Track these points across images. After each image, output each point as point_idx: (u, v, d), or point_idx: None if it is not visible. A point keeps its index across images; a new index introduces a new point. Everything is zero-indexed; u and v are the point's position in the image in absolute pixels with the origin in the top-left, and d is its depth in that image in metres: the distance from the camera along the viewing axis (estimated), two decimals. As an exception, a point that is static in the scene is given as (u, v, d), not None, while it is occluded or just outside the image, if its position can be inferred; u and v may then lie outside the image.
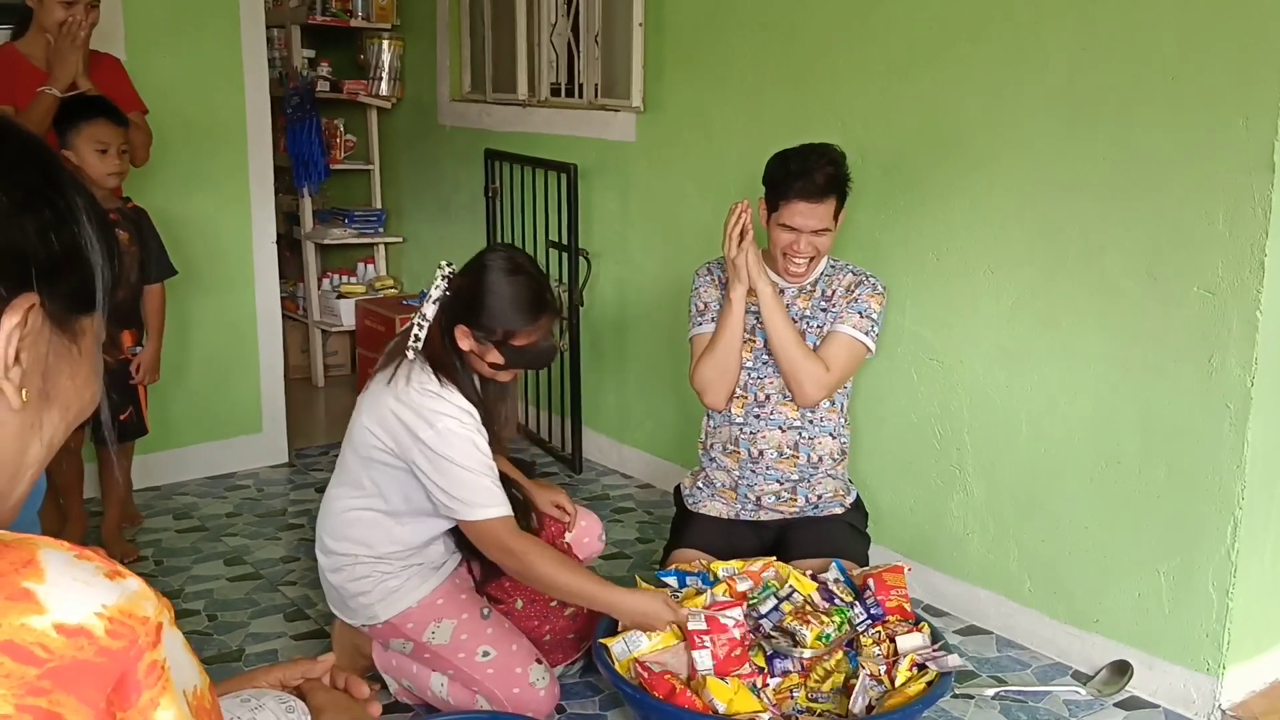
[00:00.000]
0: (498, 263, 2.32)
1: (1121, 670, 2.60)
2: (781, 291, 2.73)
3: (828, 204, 2.61)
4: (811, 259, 2.69)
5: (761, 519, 2.80)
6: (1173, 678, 2.54)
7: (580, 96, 4.04)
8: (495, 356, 2.31)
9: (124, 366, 3.20)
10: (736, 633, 2.26)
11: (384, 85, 5.07)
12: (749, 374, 2.75)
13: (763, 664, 2.31)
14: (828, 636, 2.34)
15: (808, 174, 2.59)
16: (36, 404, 0.81)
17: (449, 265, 2.37)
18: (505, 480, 2.43)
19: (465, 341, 2.31)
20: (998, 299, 2.78)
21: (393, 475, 2.35)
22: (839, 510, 2.79)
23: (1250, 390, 2.34)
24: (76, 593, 0.69)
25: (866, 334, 2.69)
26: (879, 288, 2.74)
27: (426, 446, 2.26)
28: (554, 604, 2.56)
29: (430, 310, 2.34)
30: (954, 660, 2.27)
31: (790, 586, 2.46)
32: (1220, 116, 2.31)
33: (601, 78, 3.93)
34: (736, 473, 2.79)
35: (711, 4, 3.46)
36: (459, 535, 2.46)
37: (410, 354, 2.34)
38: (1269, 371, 2.35)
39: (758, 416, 2.75)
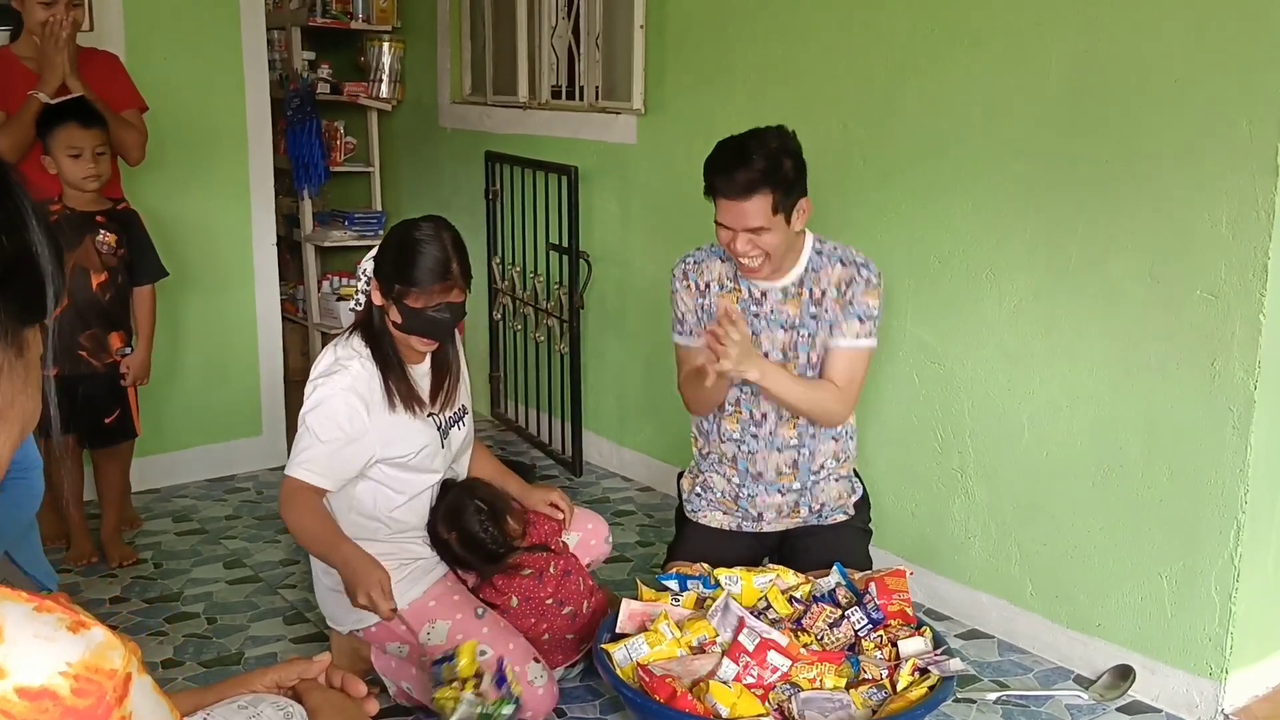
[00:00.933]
0: (421, 225, 2.38)
1: (1124, 675, 2.59)
2: (764, 295, 2.58)
3: (758, 200, 2.38)
4: (765, 258, 2.46)
5: (763, 529, 2.77)
6: (1175, 682, 2.53)
7: (581, 99, 4.04)
8: (395, 314, 2.36)
9: (112, 369, 3.18)
10: (771, 677, 2.22)
11: (384, 87, 5.06)
12: (740, 390, 2.62)
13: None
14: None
15: (730, 170, 2.40)
16: None
17: None
18: (487, 485, 2.49)
19: (376, 296, 2.39)
20: (1000, 302, 2.78)
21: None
22: (843, 517, 2.74)
23: (1253, 394, 2.33)
24: (38, 651, 0.65)
25: (869, 335, 2.55)
26: (874, 280, 2.54)
27: (304, 412, 2.35)
28: (550, 602, 2.55)
29: (369, 267, 2.46)
30: (956, 664, 2.26)
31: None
32: (1223, 119, 2.31)
33: (602, 80, 3.93)
34: (736, 483, 2.72)
35: (713, 7, 3.46)
36: (442, 547, 2.47)
37: (351, 309, 2.47)
38: (1272, 375, 2.34)
39: (755, 436, 2.64)
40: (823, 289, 2.55)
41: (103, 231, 3.13)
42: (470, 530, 2.48)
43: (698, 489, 2.81)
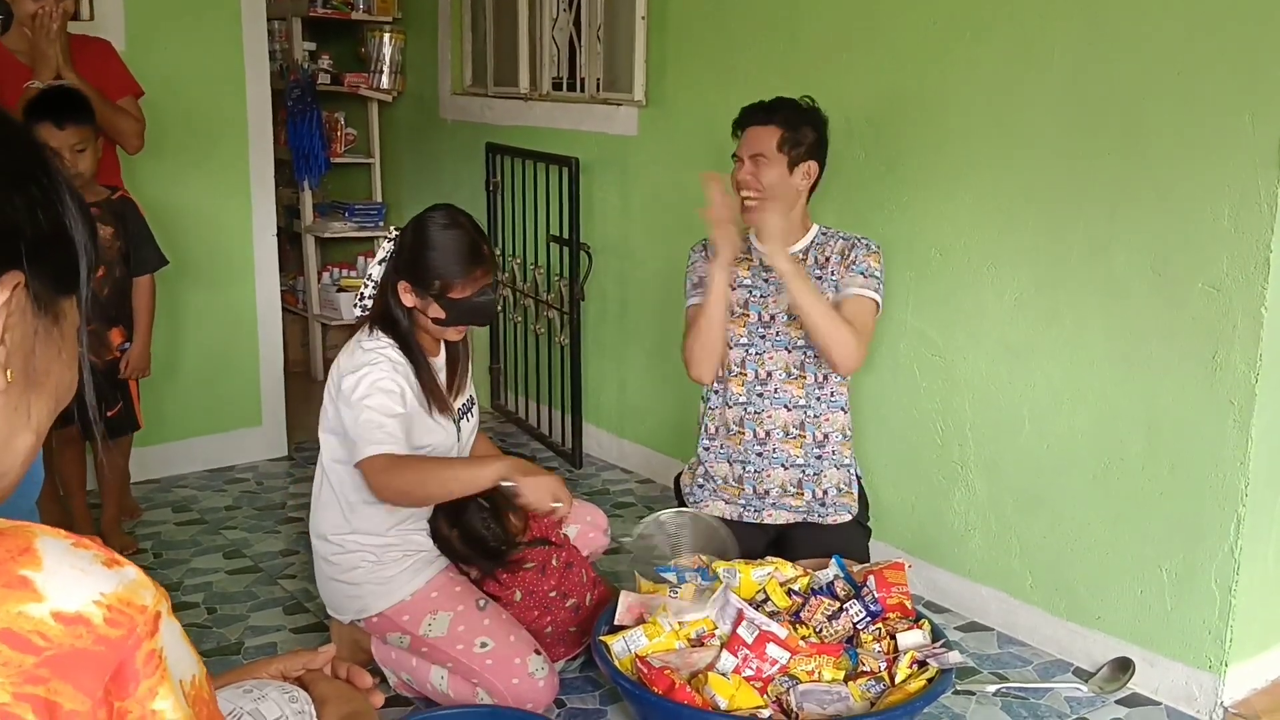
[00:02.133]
0: (435, 218, 2.37)
1: (1123, 667, 2.59)
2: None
3: (769, 130, 2.64)
4: (760, 196, 2.66)
5: (765, 521, 2.78)
6: (1175, 675, 2.53)
7: (582, 90, 4.03)
8: (436, 310, 2.35)
9: (112, 365, 3.18)
10: (770, 670, 2.23)
11: (385, 78, 5.06)
12: (745, 350, 2.74)
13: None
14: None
15: (758, 104, 2.69)
16: (21, 387, 0.79)
17: (396, 229, 2.41)
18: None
19: (408, 297, 2.36)
20: (1001, 295, 2.78)
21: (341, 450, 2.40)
22: (846, 517, 2.76)
23: (1254, 387, 2.33)
24: (74, 581, 0.68)
25: (875, 291, 2.68)
26: (873, 247, 2.72)
27: (344, 396, 2.31)
28: (553, 595, 2.55)
29: (376, 271, 2.42)
30: (954, 657, 2.26)
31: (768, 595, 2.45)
32: (1227, 113, 2.30)
33: (603, 72, 3.92)
34: (740, 459, 2.76)
35: (715, -2, 3.45)
36: (443, 544, 2.47)
37: (358, 312, 2.43)
38: (1273, 368, 2.34)
39: (761, 395, 2.74)
40: (827, 256, 2.74)
41: (98, 225, 3.12)
42: (472, 528, 2.48)
43: (699, 480, 2.84)
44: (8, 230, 0.76)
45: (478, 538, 2.48)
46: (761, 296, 2.75)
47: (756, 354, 2.74)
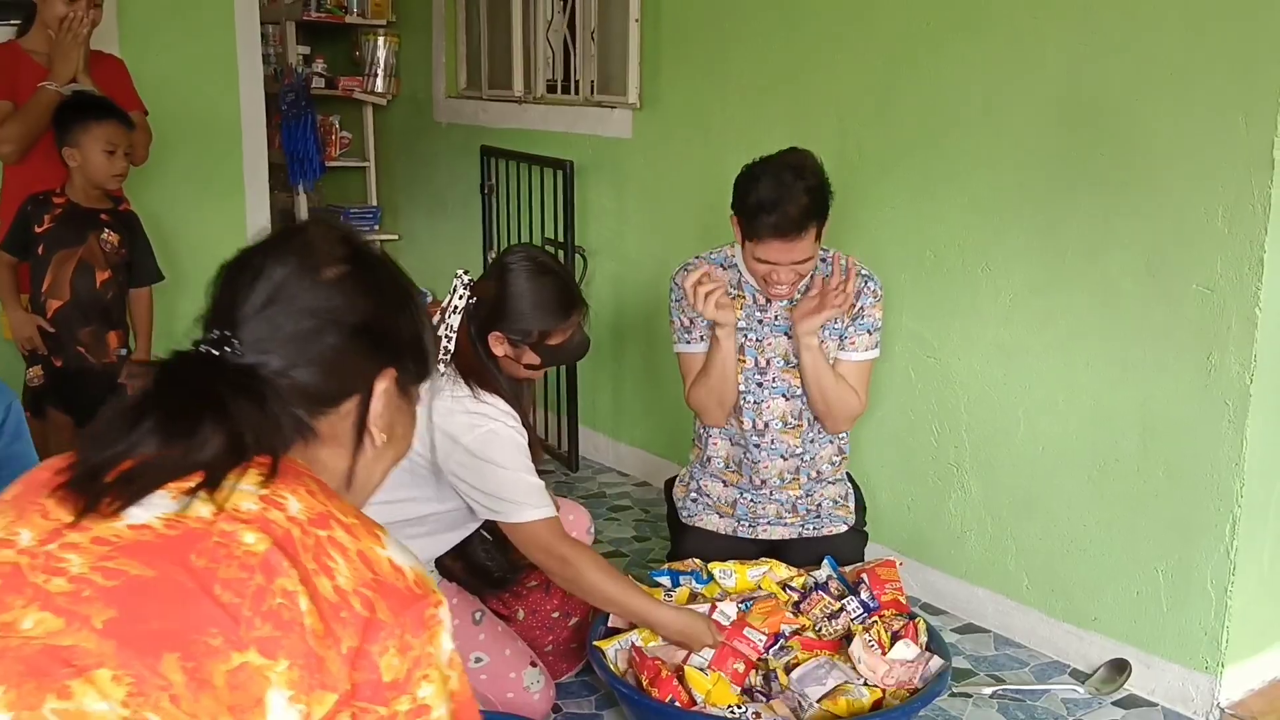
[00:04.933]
0: (522, 264, 2.28)
1: (1120, 669, 2.59)
2: (769, 303, 2.61)
3: (807, 235, 2.40)
4: (795, 283, 2.54)
5: (760, 537, 2.75)
6: (1171, 676, 2.53)
7: (576, 93, 4.03)
8: (531, 358, 2.28)
9: (109, 368, 3.19)
10: (745, 649, 2.24)
11: (379, 82, 5.05)
12: (743, 398, 2.65)
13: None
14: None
15: (780, 206, 2.36)
16: (384, 446, 1.15)
17: (466, 274, 2.30)
18: None
19: (500, 347, 2.27)
20: (996, 297, 2.77)
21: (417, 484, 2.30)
22: (842, 528, 2.75)
23: (1249, 388, 2.33)
24: (402, 552, 1.02)
25: (876, 347, 2.65)
26: (878, 292, 2.64)
27: (468, 452, 2.19)
28: (556, 615, 2.54)
29: (455, 321, 2.29)
30: (935, 663, 2.26)
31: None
32: (1220, 113, 2.30)
33: (598, 74, 3.92)
34: (735, 491, 2.74)
35: (708, 0, 3.45)
36: (446, 573, 2.45)
37: (440, 367, 2.28)
38: (1267, 369, 2.34)
39: (758, 445, 2.67)
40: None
41: (106, 230, 3.14)
42: (476, 559, 2.46)
43: (692, 494, 2.82)
44: (393, 338, 1.13)
45: (481, 568, 2.46)
46: (757, 340, 2.63)
47: (754, 402, 2.64)
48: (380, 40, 5.02)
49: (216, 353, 1.06)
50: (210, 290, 1.14)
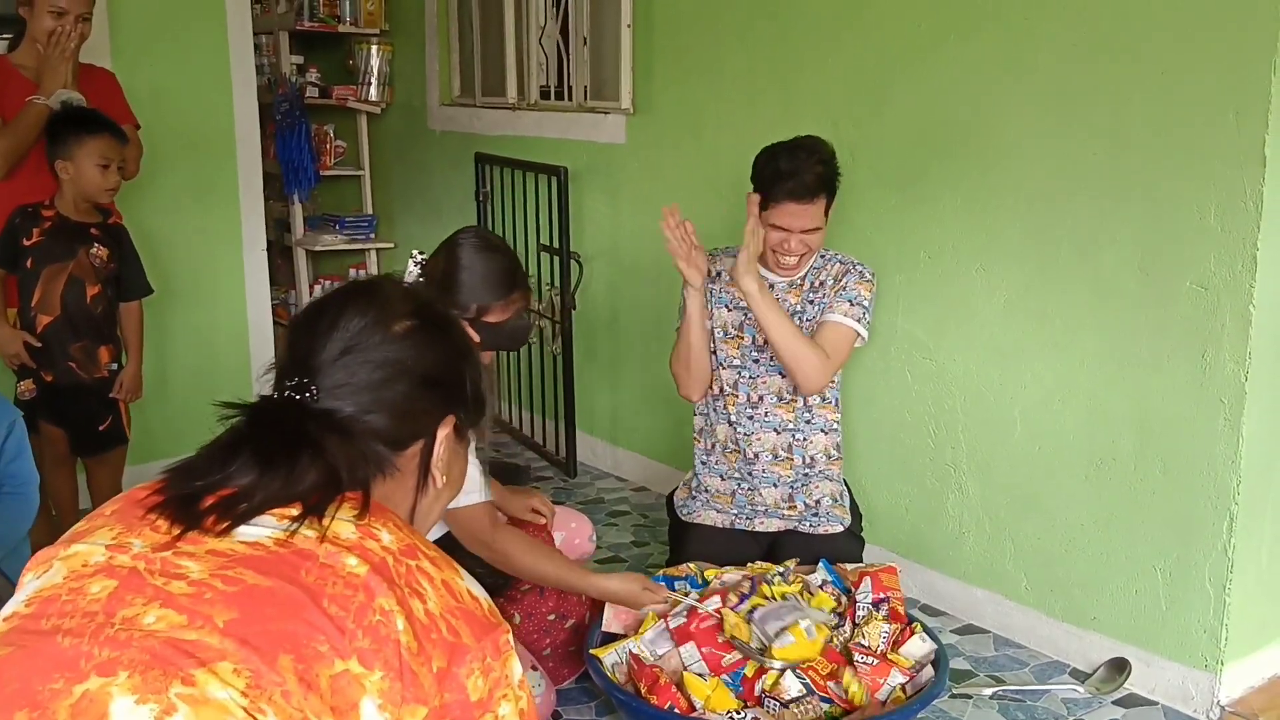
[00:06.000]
0: (469, 241, 2.32)
1: (1119, 668, 2.59)
2: (771, 286, 2.71)
3: (818, 203, 2.61)
4: (804, 255, 2.68)
5: (757, 529, 2.78)
6: (1171, 674, 2.53)
7: (570, 99, 4.03)
8: (471, 335, 2.30)
9: (100, 382, 3.18)
10: (713, 609, 2.29)
11: (373, 90, 5.06)
12: (738, 373, 2.75)
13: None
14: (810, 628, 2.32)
15: (797, 174, 2.58)
16: (443, 487, 1.27)
17: (420, 254, 2.36)
18: None
19: None
20: (990, 297, 2.78)
21: None
22: (838, 528, 2.77)
23: (1244, 385, 2.33)
24: (475, 584, 1.15)
25: (858, 320, 2.67)
26: (867, 275, 2.72)
27: None
28: (552, 618, 2.54)
29: None
30: (926, 674, 2.25)
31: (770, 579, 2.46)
32: (1211, 111, 2.30)
33: (590, 80, 3.92)
34: (735, 476, 2.78)
35: (700, 4, 3.45)
36: None
37: None
38: (1262, 366, 2.34)
39: (751, 418, 2.75)
40: (821, 280, 2.73)
41: (95, 244, 3.12)
42: (467, 566, 2.46)
43: (693, 492, 2.86)
44: (455, 388, 1.25)
45: (473, 575, 2.46)
46: (756, 319, 2.72)
47: (750, 377, 2.75)
48: (374, 49, 5.03)
49: (299, 397, 1.18)
50: (287, 338, 1.26)
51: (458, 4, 4.61)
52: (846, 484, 2.86)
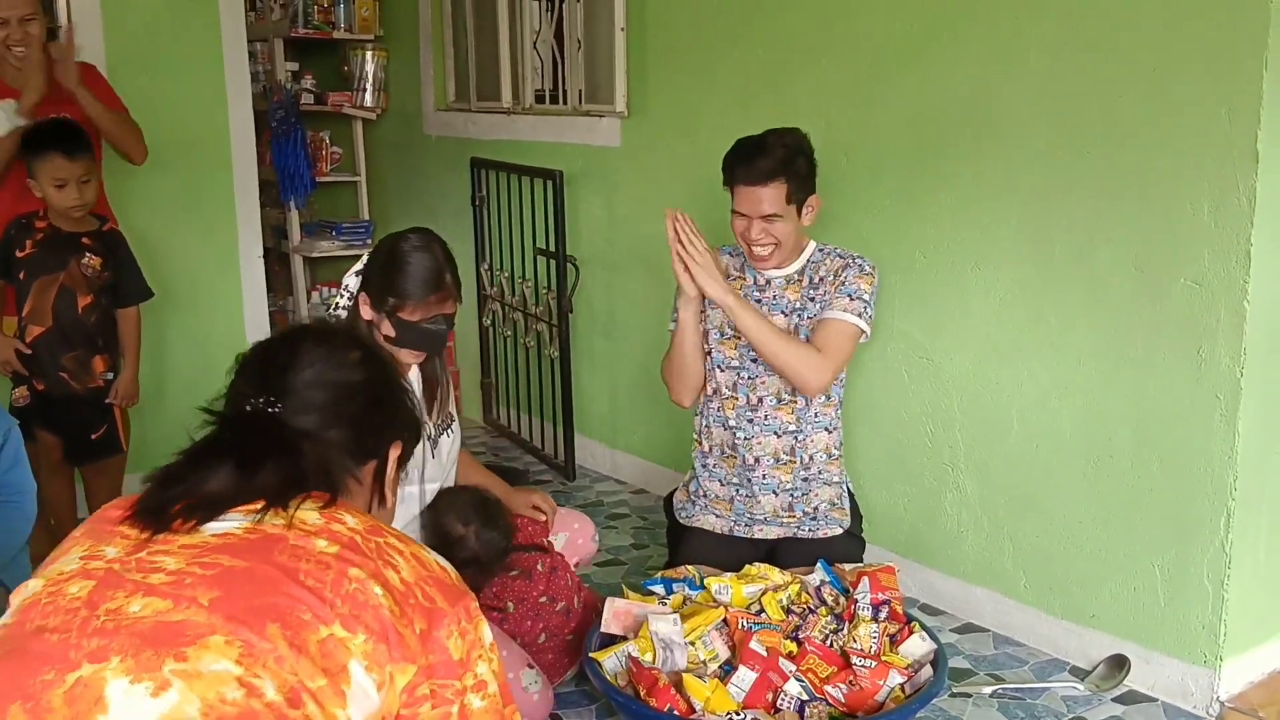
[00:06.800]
0: (410, 238, 2.37)
1: (1119, 665, 2.59)
2: (768, 283, 2.70)
3: (774, 187, 2.56)
4: (775, 246, 2.64)
5: (756, 536, 2.77)
6: (1170, 671, 2.53)
7: (564, 103, 4.03)
8: (387, 328, 2.33)
9: (94, 392, 3.18)
10: (778, 681, 2.21)
11: (368, 96, 5.06)
12: (737, 374, 2.73)
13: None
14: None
15: (751, 159, 2.56)
16: (391, 506, 1.44)
17: (357, 275, 2.44)
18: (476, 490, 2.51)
19: (366, 310, 2.36)
20: (986, 296, 2.78)
21: None
22: (837, 530, 2.76)
23: (1240, 381, 2.33)
24: (442, 559, 1.27)
25: (859, 315, 2.62)
26: (866, 268, 2.67)
27: None
28: (543, 600, 2.54)
29: (352, 282, 2.42)
30: (924, 674, 2.25)
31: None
32: (1203, 108, 2.31)
33: (585, 83, 3.93)
34: (734, 482, 2.76)
35: (693, 7, 3.46)
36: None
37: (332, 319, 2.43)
38: (1258, 362, 2.34)
39: (751, 421, 2.72)
40: (821, 276, 2.70)
41: (88, 255, 3.11)
42: (467, 550, 2.47)
43: (692, 496, 2.85)
44: (400, 414, 1.44)
45: (471, 558, 2.46)
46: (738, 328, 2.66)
47: (749, 378, 2.72)
48: (368, 55, 5.03)
49: (270, 411, 1.29)
50: (244, 367, 1.40)
51: (452, 9, 4.61)
52: (848, 485, 2.86)
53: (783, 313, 2.70)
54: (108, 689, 1.03)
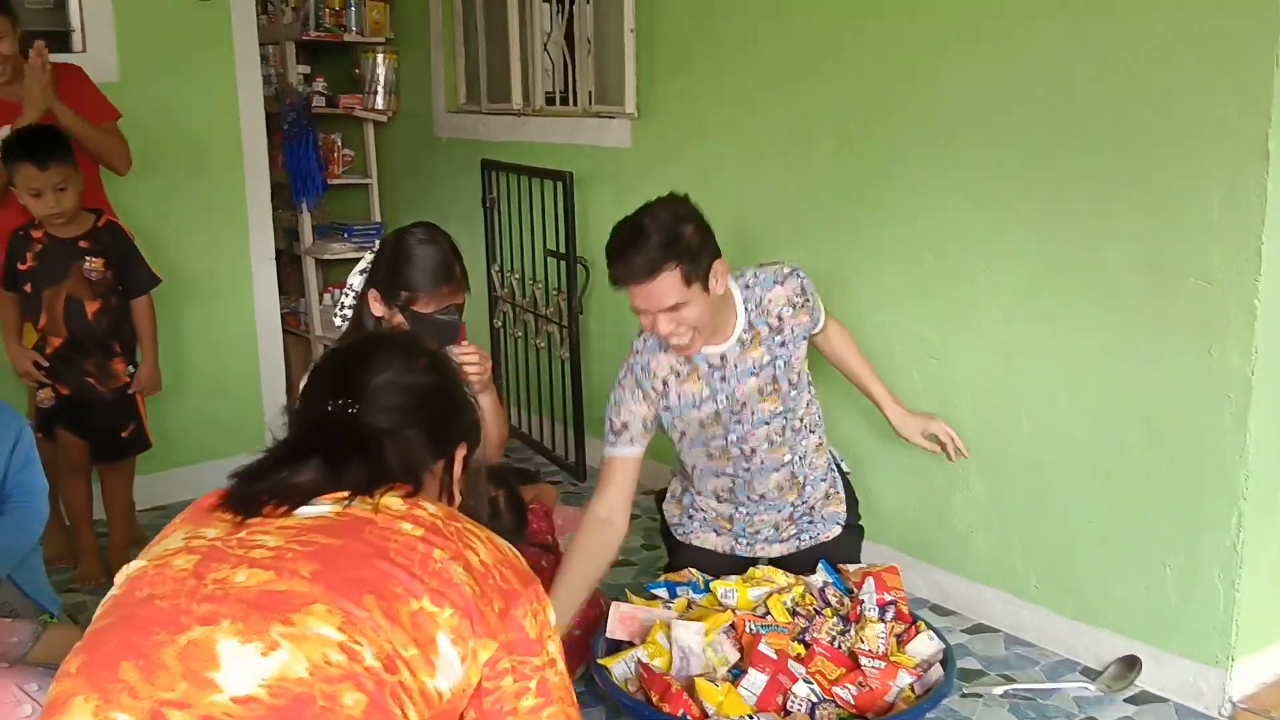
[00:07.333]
0: (415, 232, 2.40)
1: (1130, 665, 2.58)
2: (722, 358, 2.49)
3: (665, 277, 2.27)
4: (694, 332, 2.37)
5: (758, 554, 2.74)
6: (1182, 671, 2.52)
7: (575, 104, 4.04)
8: (400, 322, 2.36)
9: (121, 389, 3.20)
10: (788, 684, 2.20)
11: (380, 99, 5.07)
12: (727, 437, 2.57)
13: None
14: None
15: (626, 256, 2.29)
16: (457, 506, 1.47)
17: (362, 273, 2.46)
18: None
19: (376, 306, 2.38)
20: (996, 295, 2.77)
21: None
22: (836, 529, 2.74)
23: (1251, 380, 2.32)
24: (510, 544, 1.36)
25: (816, 326, 2.60)
26: (802, 274, 2.54)
27: None
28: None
29: (357, 281, 2.44)
30: (934, 673, 2.25)
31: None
32: (1214, 106, 2.30)
33: (595, 84, 3.93)
34: (730, 507, 2.71)
35: (703, 8, 3.46)
36: None
37: (338, 321, 2.45)
38: (1269, 360, 2.33)
39: (747, 469, 2.62)
40: (776, 314, 2.52)
41: (88, 258, 3.10)
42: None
43: (688, 512, 2.80)
44: (466, 417, 1.53)
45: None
46: (729, 394, 2.52)
47: (737, 439, 2.57)
48: (379, 57, 5.04)
49: (351, 411, 1.38)
50: (318, 372, 1.54)
51: (462, 11, 4.63)
52: (838, 463, 2.81)
53: (751, 375, 2.51)
54: (219, 648, 1.11)
